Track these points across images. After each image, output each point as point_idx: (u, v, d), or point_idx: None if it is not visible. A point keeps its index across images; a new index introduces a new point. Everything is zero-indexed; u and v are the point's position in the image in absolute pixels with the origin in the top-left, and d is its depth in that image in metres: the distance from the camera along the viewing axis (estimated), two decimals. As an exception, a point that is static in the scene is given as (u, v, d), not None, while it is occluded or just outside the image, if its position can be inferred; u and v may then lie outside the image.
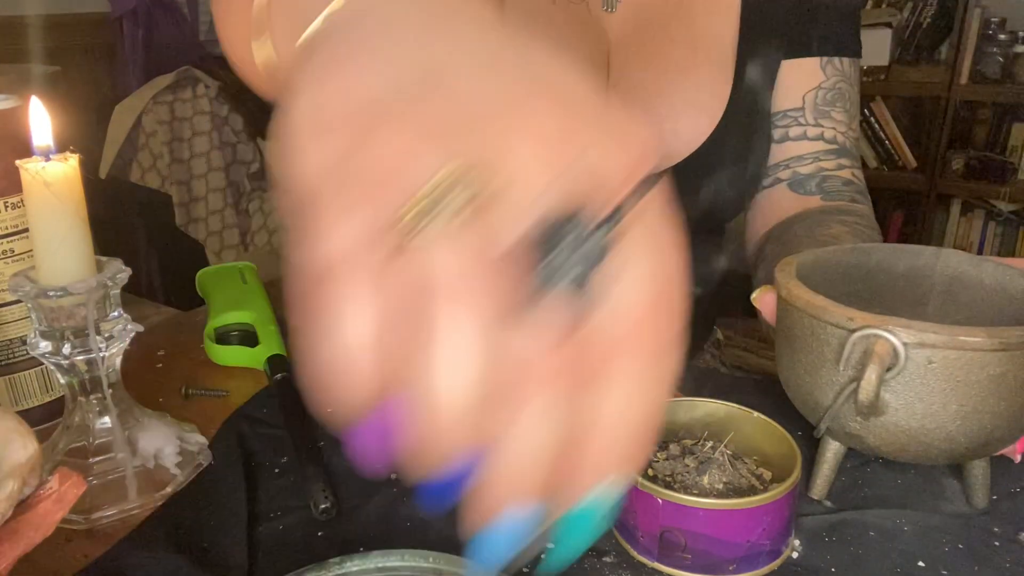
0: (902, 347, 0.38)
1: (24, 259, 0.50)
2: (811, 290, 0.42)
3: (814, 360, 0.42)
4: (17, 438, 0.39)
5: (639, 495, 0.39)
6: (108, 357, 0.44)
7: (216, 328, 0.63)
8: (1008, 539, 0.42)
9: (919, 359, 0.38)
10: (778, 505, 0.38)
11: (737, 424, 0.45)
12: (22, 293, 0.41)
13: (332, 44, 0.24)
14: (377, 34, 0.23)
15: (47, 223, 0.41)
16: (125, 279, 0.44)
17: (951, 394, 0.38)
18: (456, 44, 0.22)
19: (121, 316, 0.45)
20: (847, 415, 0.42)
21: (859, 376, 0.38)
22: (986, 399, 0.38)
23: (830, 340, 0.40)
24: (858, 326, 0.39)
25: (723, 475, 0.41)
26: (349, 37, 0.23)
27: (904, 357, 0.38)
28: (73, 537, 0.42)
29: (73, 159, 0.41)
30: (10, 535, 0.36)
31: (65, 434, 0.45)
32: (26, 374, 0.52)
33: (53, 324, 0.42)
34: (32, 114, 0.41)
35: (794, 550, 0.41)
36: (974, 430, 0.39)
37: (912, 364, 0.38)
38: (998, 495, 0.45)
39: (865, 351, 0.39)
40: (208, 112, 2.06)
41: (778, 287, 0.44)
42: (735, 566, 0.39)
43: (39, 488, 0.38)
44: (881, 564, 0.40)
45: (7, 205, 0.49)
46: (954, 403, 0.38)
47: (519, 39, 0.23)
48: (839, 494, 0.46)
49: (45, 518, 0.37)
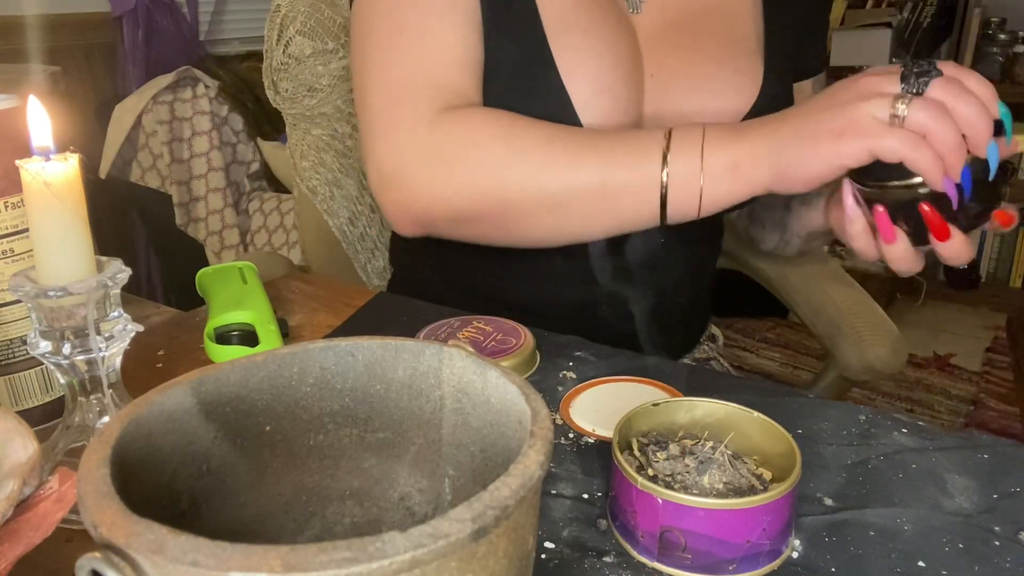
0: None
1: (24, 259, 0.50)
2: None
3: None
4: (17, 438, 0.39)
5: (639, 495, 0.39)
6: (108, 357, 0.44)
7: (216, 328, 0.63)
8: (1008, 539, 0.42)
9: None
10: (778, 505, 0.38)
11: (737, 424, 0.45)
12: (22, 293, 0.41)
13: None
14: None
15: (47, 223, 0.41)
16: (125, 279, 0.44)
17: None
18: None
19: (121, 316, 0.45)
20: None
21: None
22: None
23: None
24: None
25: (723, 475, 0.41)
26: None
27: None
28: (73, 537, 0.42)
29: (73, 159, 0.41)
30: (10, 535, 0.36)
31: (65, 434, 0.45)
32: (26, 374, 0.52)
33: (53, 324, 0.42)
34: (32, 114, 0.41)
35: (794, 550, 0.41)
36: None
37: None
38: (998, 495, 0.45)
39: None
40: (208, 112, 2.06)
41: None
42: (735, 566, 0.39)
43: (39, 488, 0.38)
44: (881, 564, 0.40)
45: (7, 205, 0.49)
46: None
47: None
48: (839, 494, 0.46)
49: (45, 518, 0.37)
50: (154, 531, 0.22)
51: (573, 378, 0.59)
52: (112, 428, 0.28)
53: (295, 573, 0.20)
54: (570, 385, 0.58)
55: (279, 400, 0.34)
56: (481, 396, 0.33)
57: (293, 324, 0.69)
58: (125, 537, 0.22)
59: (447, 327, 0.64)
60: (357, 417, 0.35)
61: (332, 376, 0.35)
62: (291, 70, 0.88)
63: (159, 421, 0.30)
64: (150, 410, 0.29)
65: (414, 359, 0.35)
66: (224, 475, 0.32)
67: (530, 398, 0.30)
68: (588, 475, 0.48)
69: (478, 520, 0.22)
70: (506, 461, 0.30)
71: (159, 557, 0.21)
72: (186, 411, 0.31)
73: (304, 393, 0.35)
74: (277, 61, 0.88)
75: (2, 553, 0.35)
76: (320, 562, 0.21)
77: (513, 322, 0.64)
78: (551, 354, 0.63)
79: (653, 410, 0.46)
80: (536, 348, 0.62)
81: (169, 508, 0.30)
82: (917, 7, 2.70)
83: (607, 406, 0.55)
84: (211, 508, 0.32)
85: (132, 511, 0.23)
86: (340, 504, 0.36)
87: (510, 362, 0.59)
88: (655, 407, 0.46)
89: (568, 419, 0.54)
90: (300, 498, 0.35)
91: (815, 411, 0.54)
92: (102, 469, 0.25)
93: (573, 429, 0.53)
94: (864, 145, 0.50)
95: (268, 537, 0.34)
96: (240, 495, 0.33)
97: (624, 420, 0.44)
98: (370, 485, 0.36)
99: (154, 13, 2.17)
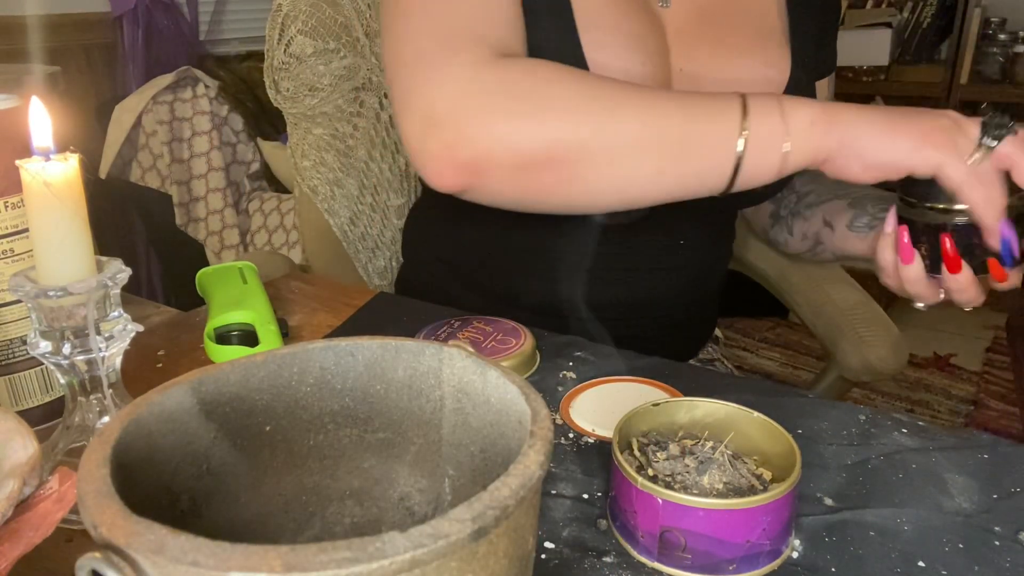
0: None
1: (24, 259, 0.50)
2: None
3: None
4: (17, 438, 0.39)
5: (639, 495, 0.39)
6: (108, 357, 0.44)
7: (216, 328, 0.63)
8: (1008, 539, 0.42)
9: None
10: (778, 505, 0.38)
11: (737, 424, 0.45)
12: (22, 293, 0.41)
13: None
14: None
15: (47, 223, 0.41)
16: (125, 279, 0.44)
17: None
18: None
19: (121, 316, 0.45)
20: None
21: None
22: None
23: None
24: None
25: (723, 475, 0.41)
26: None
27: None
28: (73, 537, 0.42)
29: (73, 159, 0.41)
30: (10, 535, 0.36)
31: (65, 434, 0.45)
32: (26, 374, 0.52)
33: (53, 324, 0.42)
34: (32, 114, 0.41)
35: (794, 550, 0.41)
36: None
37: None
38: (998, 495, 0.45)
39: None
40: (208, 112, 2.06)
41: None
42: (735, 566, 0.39)
43: (39, 488, 0.38)
44: (881, 564, 0.40)
45: (7, 205, 0.49)
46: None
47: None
48: (839, 494, 0.46)
49: (45, 518, 0.37)
50: (154, 531, 0.22)
51: (573, 378, 0.59)
52: (112, 428, 0.28)
53: (295, 573, 0.20)
54: (570, 385, 0.58)
55: (279, 400, 0.34)
56: (481, 396, 0.33)
57: (293, 324, 0.69)
58: (125, 537, 0.22)
59: (447, 327, 0.64)
60: (357, 417, 0.35)
61: (332, 376, 0.35)
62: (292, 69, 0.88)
63: (159, 421, 0.30)
64: (150, 410, 0.29)
65: (414, 359, 0.35)
66: (224, 475, 0.32)
67: (530, 398, 0.30)
68: (588, 475, 0.48)
69: (478, 520, 0.22)
70: (506, 461, 0.30)
71: (159, 557, 0.21)
72: (186, 411, 0.31)
73: (304, 393, 0.35)
74: (278, 60, 0.87)
75: (2, 553, 0.35)
76: (320, 562, 0.21)
77: (513, 322, 0.64)
78: (551, 354, 0.63)
79: (653, 410, 0.46)
80: (536, 348, 0.62)
81: (169, 508, 0.30)
82: (917, 7, 2.70)
83: (607, 406, 0.55)
84: (211, 508, 0.32)
85: (132, 511, 0.23)
86: (340, 504, 0.36)
87: (510, 362, 0.59)
88: (655, 407, 0.46)
89: (568, 419, 0.54)
90: (300, 498, 0.35)
91: (815, 411, 0.54)
92: (102, 469, 0.25)
93: (573, 429, 0.53)
94: (939, 159, 0.52)
95: (268, 537, 0.34)
96: (240, 495, 0.33)
97: (624, 420, 0.44)
98: (370, 485, 0.36)
99: (154, 13, 2.17)
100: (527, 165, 0.56)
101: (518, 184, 0.58)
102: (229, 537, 0.22)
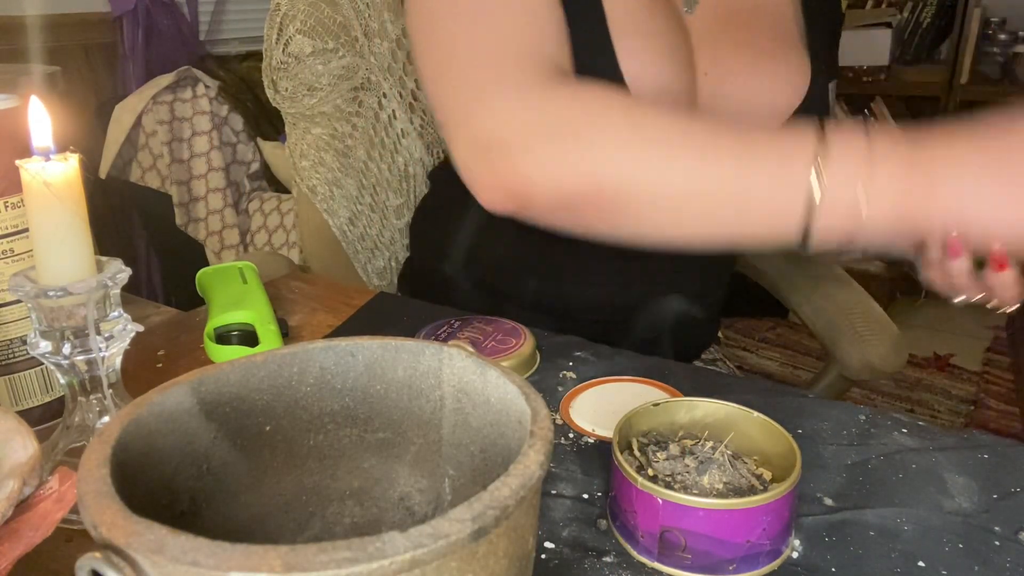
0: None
1: (24, 259, 0.50)
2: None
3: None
4: (17, 438, 0.39)
5: (639, 495, 0.39)
6: (108, 357, 0.44)
7: (216, 328, 0.63)
8: (1008, 539, 0.42)
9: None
10: (778, 505, 0.38)
11: (737, 424, 0.45)
12: (22, 293, 0.41)
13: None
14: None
15: (47, 223, 0.41)
16: (125, 279, 0.44)
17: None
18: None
19: (121, 316, 0.45)
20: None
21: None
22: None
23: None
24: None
25: (723, 475, 0.41)
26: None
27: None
28: (73, 537, 0.42)
29: (73, 159, 0.41)
30: (10, 535, 0.36)
31: (65, 434, 0.45)
32: (26, 374, 0.52)
33: (53, 324, 0.42)
34: (32, 114, 0.41)
35: (794, 550, 0.41)
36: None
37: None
38: (998, 495, 0.45)
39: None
40: (208, 112, 2.06)
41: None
42: (735, 566, 0.39)
43: (39, 488, 0.38)
44: (881, 564, 0.40)
45: (7, 205, 0.49)
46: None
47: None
48: (839, 494, 0.46)
49: (45, 518, 0.37)
50: (154, 531, 0.22)
51: (573, 378, 0.59)
52: (112, 428, 0.28)
53: (295, 573, 0.20)
54: (570, 385, 0.58)
55: (279, 400, 0.34)
56: (481, 396, 0.33)
57: (293, 324, 0.69)
58: (125, 537, 0.22)
59: (447, 327, 0.64)
60: (357, 417, 0.35)
61: (332, 376, 0.35)
62: (291, 69, 0.88)
63: (159, 421, 0.30)
64: (150, 410, 0.29)
65: (414, 359, 0.35)
66: (224, 475, 0.32)
67: (530, 398, 0.30)
68: (588, 475, 0.48)
69: (478, 520, 0.22)
70: (506, 461, 0.30)
71: (159, 557, 0.21)
72: (186, 411, 0.31)
73: (304, 393, 0.35)
74: (277, 60, 0.87)
75: (2, 553, 0.35)
76: (320, 562, 0.21)
77: (513, 322, 0.64)
78: (551, 354, 0.63)
79: (653, 410, 0.46)
80: (536, 348, 0.62)
81: (169, 508, 0.30)
82: (917, 7, 2.70)
83: (607, 406, 0.55)
84: (211, 508, 0.32)
85: (132, 511, 0.23)
86: (340, 504, 0.36)
87: (510, 362, 0.59)
88: (655, 407, 0.46)
89: (568, 419, 0.54)
90: (300, 498, 0.35)
91: (815, 411, 0.54)
92: (102, 469, 0.25)
93: (573, 429, 0.53)
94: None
95: (268, 537, 0.34)
96: (240, 495, 0.33)
97: (624, 420, 0.44)
98: (370, 485, 0.36)
99: (154, 13, 2.17)
100: (569, 204, 0.55)
101: (560, 218, 0.57)
102: (229, 537, 0.22)
